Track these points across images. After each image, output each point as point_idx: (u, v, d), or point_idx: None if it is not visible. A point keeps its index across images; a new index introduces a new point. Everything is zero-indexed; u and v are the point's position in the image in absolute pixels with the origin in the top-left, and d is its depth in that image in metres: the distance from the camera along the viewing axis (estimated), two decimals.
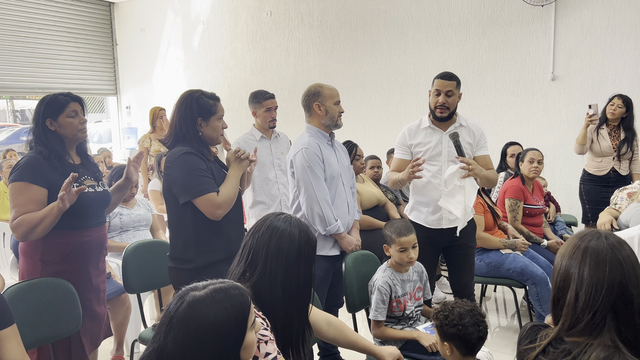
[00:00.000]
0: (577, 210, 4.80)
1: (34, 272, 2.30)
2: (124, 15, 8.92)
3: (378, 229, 3.81)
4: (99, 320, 2.52)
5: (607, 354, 1.19)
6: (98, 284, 2.49)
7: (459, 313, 1.86)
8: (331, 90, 2.84)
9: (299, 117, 3.10)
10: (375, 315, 2.48)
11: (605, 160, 4.35)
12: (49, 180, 2.24)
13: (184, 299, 1.21)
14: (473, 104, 5.82)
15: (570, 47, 5.35)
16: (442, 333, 1.90)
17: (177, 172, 2.23)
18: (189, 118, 2.29)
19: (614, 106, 4.28)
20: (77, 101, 2.38)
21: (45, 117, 2.31)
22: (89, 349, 2.44)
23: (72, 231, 2.32)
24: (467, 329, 1.83)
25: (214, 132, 2.34)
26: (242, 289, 1.28)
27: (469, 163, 2.64)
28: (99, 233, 2.46)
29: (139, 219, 3.70)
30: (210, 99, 2.34)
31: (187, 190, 2.21)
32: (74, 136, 2.37)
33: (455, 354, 1.88)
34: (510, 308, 4.15)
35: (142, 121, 8.73)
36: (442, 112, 2.80)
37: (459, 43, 5.95)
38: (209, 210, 2.22)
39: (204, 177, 2.23)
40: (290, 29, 7.18)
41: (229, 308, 1.21)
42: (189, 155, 2.24)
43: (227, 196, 2.26)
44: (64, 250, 2.31)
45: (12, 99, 8.76)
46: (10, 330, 1.74)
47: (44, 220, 2.17)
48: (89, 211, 2.37)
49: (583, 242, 1.29)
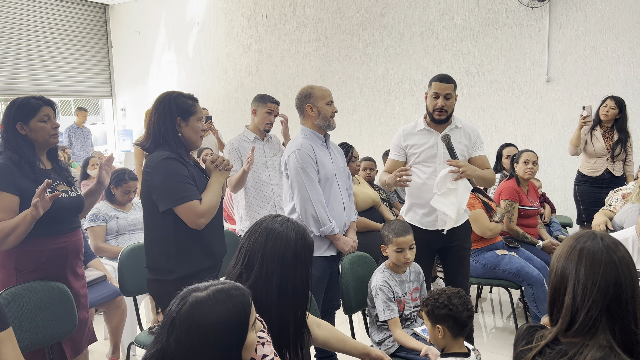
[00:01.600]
0: (572, 211, 4.82)
1: (8, 282, 2.21)
2: (119, 17, 8.91)
3: (373, 230, 3.82)
4: (81, 326, 2.45)
5: (603, 354, 1.20)
6: (78, 289, 2.43)
7: (447, 295, 1.98)
8: (323, 91, 2.84)
9: (295, 119, 3.10)
10: (389, 314, 2.44)
11: (599, 161, 4.37)
12: (20, 187, 2.16)
13: (186, 299, 1.22)
14: (468, 105, 5.84)
15: (565, 48, 5.38)
16: (433, 317, 1.98)
17: (158, 178, 2.13)
18: (168, 118, 2.20)
19: (607, 108, 4.31)
20: (50, 105, 2.30)
21: (16, 120, 2.22)
22: (70, 356, 2.39)
23: (47, 238, 2.25)
24: (457, 307, 1.94)
25: (194, 134, 2.26)
26: (244, 290, 1.28)
27: (459, 165, 2.64)
28: (74, 238, 2.39)
29: (135, 223, 3.70)
30: (189, 99, 2.27)
31: (168, 198, 2.11)
32: (45, 141, 2.29)
33: (447, 336, 1.97)
34: (506, 309, 4.16)
35: (137, 123, 8.71)
36: (440, 115, 2.81)
37: (454, 45, 5.97)
38: (191, 219, 2.13)
39: (186, 184, 2.14)
40: (285, 31, 7.19)
41: (230, 309, 1.22)
42: (170, 161, 2.15)
43: (210, 204, 2.18)
44: (40, 258, 2.24)
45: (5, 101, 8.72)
46: (6, 333, 1.73)
47: (17, 228, 2.10)
48: (63, 216, 2.31)
49: (579, 243, 1.30)
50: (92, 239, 3.52)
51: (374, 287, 2.50)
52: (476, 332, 3.60)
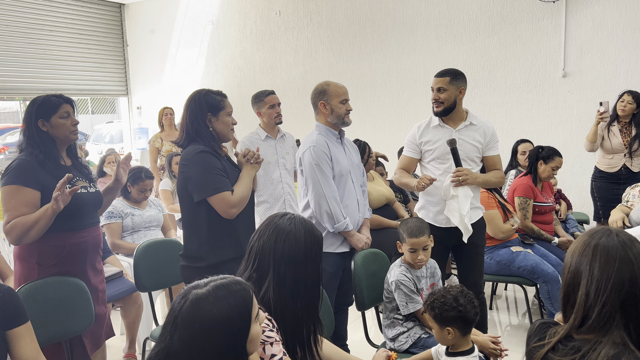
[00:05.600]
0: (589, 207, 4.76)
1: (30, 276, 2.27)
2: (134, 16, 8.98)
3: (387, 228, 3.81)
4: (100, 321, 2.51)
5: (617, 351, 1.19)
6: (97, 284, 2.48)
7: (453, 296, 1.94)
8: (338, 89, 2.83)
9: (308, 116, 3.11)
10: (413, 307, 2.43)
11: (616, 157, 4.31)
12: (42, 183, 2.22)
13: (187, 297, 1.23)
14: (483, 101, 5.80)
15: (581, 43, 5.30)
16: (441, 320, 1.95)
17: (193, 170, 2.25)
18: (199, 115, 2.33)
19: (624, 102, 4.24)
20: (69, 103, 2.37)
21: (38, 118, 2.28)
22: (90, 350, 2.44)
23: (67, 233, 2.30)
24: (465, 307, 1.92)
25: (224, 127, 2.38)
26: (244, 284, 1.29)
27: (459, 175, 2.72)
28: (94, 233, 2.45)
29: (150, 220, 3.74)
30: (217, 95, 2.38)
31: (203, 188, 2.23)
32: (65, 137, 2.35)
33: (456, 336, 1.95)
34: (521, 306, 4.13)
35: (152, 121, 8.78)
36: (437, 107, 2.86)
37: (469, 40, 5.92)
38: (224, 209, 2.25)
39: (219, 176, 2.26)
40: (299, 28, 7.19)
41: (232, 304, 1.22)
42: (205, 154, 2.27)
43: (241, 195, 2.29)
44: (60, 252, 2.30)
45: (25, 100, 8.84)
46: (25, 327, 1.77)
47: (38, 222, 2.15)
48: (83, 212, 2.36)
49: (593, 240, 1.29)
50: (108, 236, 3.57)
51: (393, 282, 2.48)
52: (491, 329, 3.58)
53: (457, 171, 2.74)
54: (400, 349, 2.45)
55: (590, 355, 1.20)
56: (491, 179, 2.90)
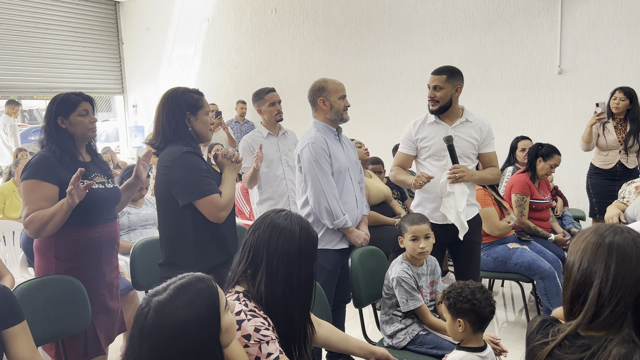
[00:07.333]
0: (585, 204, 4.78)
1: (48, 269, 2.34)
2: (130, 14, 8.95)
3: (384, 224, 3.82)
4: (113, 316, 2.55)
5: (628, 350, 1.18)
6: (111, 279, 2.53)
7: (471, 290, 1.95)
8: (336, 85, 2.84)
9: (305, 114, 3.11)
10: (414, 304, 2.44)
11: (611, 153, 4.32)
12: (60, 178, 2.26)
13: (149, 305, 1.18)
14: (479, 98, 5.80)
15: (577, 40, 5.32)
16: (454, 310, 1.95)
17: (178, 172, 2.12)
18: (177, 114, 2.20)
19: (616, 100, 4.25)
20: (88, 101, 2.42)
21: (57, 115, 2.33)
22: (104, 344, 2.48)
23: (83, 228, 2.35)
24: (480, 302, 1.92)
25: (204, 127, 2.28)
26: (205, 278, 1.25)
27: (455, 172, 2.73)
28: (110, 229, 2.48)
29: (147, 218, 3.73)
30: (195, 93, 2.28)
31: (190, 192, 2.11)
32: (84, 135, 2.39)
33: (467, 330, 1.94)
34: (517, 303, 4.14)
35: (148, 119, 8.77)
36: (432, 106, 2.87)
37: (465, 37, 5.93)
38: (213, 213, 2.13)
39: (206, 178, 2.15)
40: (295, 25, 7.18)
41: (196, 301, 1.19)
42: (190, 155, 2.15)
43: (229, 197, 2.19)
44: (76, 246, 2.34)
45: (20, 98, 8.80)
46: (21, 327, 1.76)
47: (55, 216, 2.19)
48: (99, 207, 2.39)
49: (605, 238, 1.27)
50: None
51: (394, 279, 2.48)
52: (488, 326, 3.59)
53: (453, 168, 2.75)
54: (398, 345, 2.46)
55: (601, 354, 1.20)
56: (487, 176, 2.92)
